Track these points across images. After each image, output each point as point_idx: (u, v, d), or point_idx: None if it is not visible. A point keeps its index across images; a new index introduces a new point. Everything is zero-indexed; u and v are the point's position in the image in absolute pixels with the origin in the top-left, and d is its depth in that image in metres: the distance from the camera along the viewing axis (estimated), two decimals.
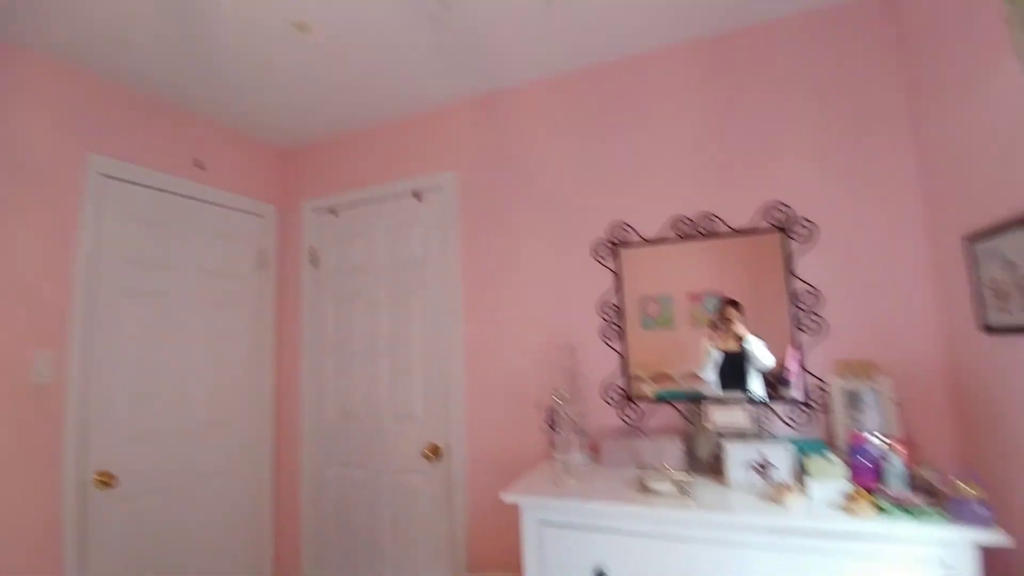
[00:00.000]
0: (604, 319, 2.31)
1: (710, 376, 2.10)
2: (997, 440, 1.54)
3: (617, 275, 2.31)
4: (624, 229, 2.32)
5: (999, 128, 1.45)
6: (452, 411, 2.55)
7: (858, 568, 1.37)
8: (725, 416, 1.89)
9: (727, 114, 2.22)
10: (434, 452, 2.56)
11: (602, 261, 2.35)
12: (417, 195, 2.78)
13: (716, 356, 2.11)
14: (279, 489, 2.95)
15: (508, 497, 1.74)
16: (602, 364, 2.31)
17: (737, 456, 1.72)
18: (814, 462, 1.58)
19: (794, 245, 2.04)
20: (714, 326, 2.12)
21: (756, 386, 2.03)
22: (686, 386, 2.14)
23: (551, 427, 1.85)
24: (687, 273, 2.20)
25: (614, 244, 2.33)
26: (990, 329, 1.53)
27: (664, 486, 1.68)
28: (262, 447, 2.89)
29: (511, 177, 2.61)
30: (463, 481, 2.50)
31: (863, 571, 1.36)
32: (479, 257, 2.61)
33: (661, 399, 2.19)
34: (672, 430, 2.09)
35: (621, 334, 2.27)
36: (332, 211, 3.01)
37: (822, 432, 1.96)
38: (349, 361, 2.87)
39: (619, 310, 2.28)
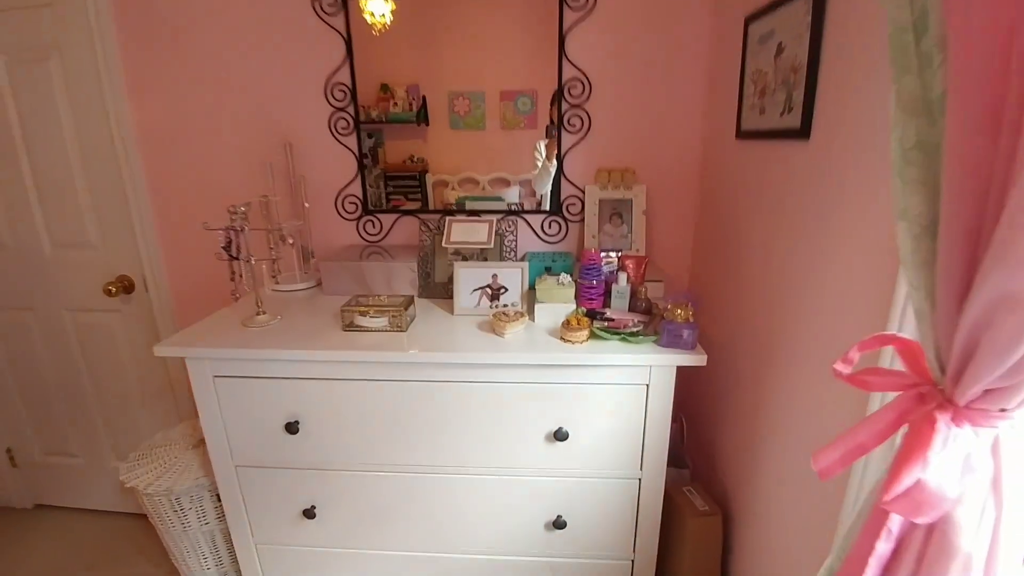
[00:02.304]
0: (334, 107, 1.71)
1: (544, 187, 1.73)
2: (715, 251, 1.47)
3: (348, 42, 1.65)
4: None
5: None
6: (142, 233, 1.87)
7: (572, 393, 1.25)
8: (465, 232, 1.56)
9: None
10: (124, 286, 1.93)
11: (326, 19, 1.64)
12: None
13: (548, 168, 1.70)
14: None
15: (164, 350, 1.28)
16: (336, 167, 1.78)
17: (467, 279, 1.43)
18: (544, 285, 1.36)
19: (569, 15, 1.57)
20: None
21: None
22: (492, 193, 1.75)
23: (228, 254, 1.36)
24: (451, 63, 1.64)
25: None
26: (742, 134, 1.32)
27: (376, 321, 1.36)
28: None
29: None
30: (170, 320, 1.97)
31: (577, 396, 1.25)
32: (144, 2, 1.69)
33: (405, 213, 1.79)
34: (413, 250, 1.73)
35: (356, 126, 1.71)
36: None
37: (575, 247, 1.78)
38: None
39: (352, 94, 1.69)
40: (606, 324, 1.24)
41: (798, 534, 1.06)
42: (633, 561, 1.38)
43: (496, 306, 1.42)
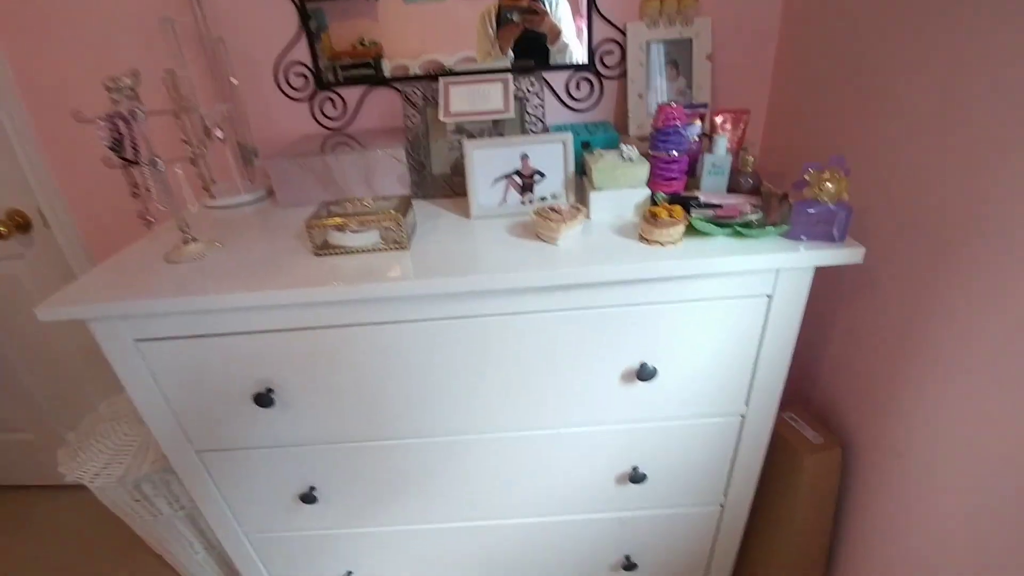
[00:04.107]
0: None
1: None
2: (826, 107, 1.00)
3: None
4: None
5: None
6: (23, 151, 1.31)
7: (659, 316, 0.85)
8: (471, 98, 1.06)
9: None
10: (18, 224, 1.40)
11: None
12: None
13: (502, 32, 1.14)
14: None
15: (50, 312, 0.82)
16: (269, 26, 1.21)
17: (485, 165, 0.96)
18: (602, 164, 0.91)
19: None
20: None
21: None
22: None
23: (120, 155, 0.86)
24: None
25: None
26: None
27: (362, 237, 0.91)
28: None
29: None
30: (86, 259, 1.47)
31: (667, 319, 0.85)
32: None
33: (379, 81, 1.25)
34: (396, 135, 1.23)
35: None
36: None
37: (614, 114, 1.29)
38: None
39: None
40: (710, 214, 0.82)
41: (943, 479, 0.75)
42: (723, 506, 1.09)
43: (530, 200, 0.97)
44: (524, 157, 0.95)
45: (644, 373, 0.87)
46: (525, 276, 0.78)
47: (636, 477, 1.00)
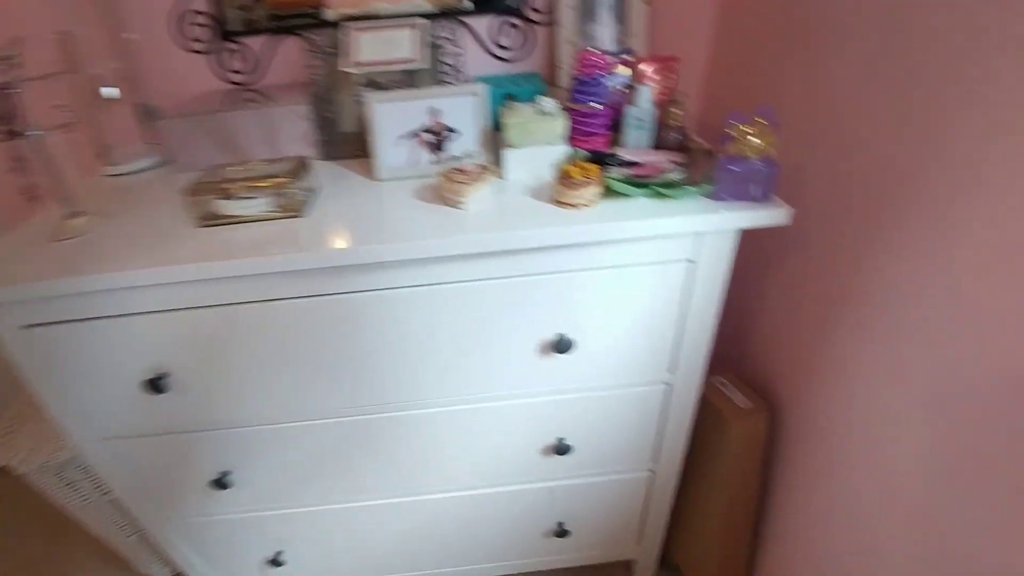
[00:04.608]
0: None
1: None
2: (767, 56, 0.92)
3: None
4: None
5: None
6: None
7: (576, 285, 0.79)
8: (379, 46, 0.95)
9: None
10: None
11: None
12: None
13: None
14: None
15: None
16: None
17: (389, 121, 0.86)
18: (516, 119, 0.82)
19: None
20: None
21: None
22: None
23: (7, 128, 0.73)
24: None
25: None
26: None
27: (251, 205, 0.81)
28: None
29: None
30: None
31: (584, 287, 0.79)
32: None
33: (281, 30, 1.11)
34: (307, 90, 1.10)
35: None
36: None
37: (542, 63, 1.19)
38: None
39: None
40: (628, 172, 0.74)
41: (865, 438, 0.73)
42: (653, 472, 1.07)
43: (442, 160, 0.88)
44: (434, 112, 0.85)
45: (561, 345, 0.81)
46: (422, 243, 0.70)
47: (561, 448, 0.96)
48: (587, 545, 1.20)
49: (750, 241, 1.03)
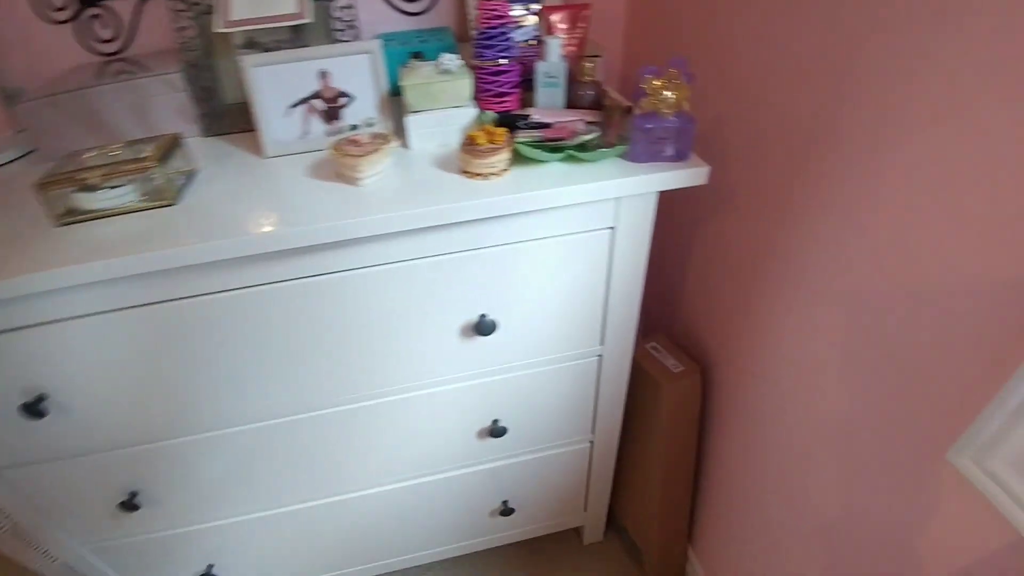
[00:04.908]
0: None
1: None
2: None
3: None
4: None
5: None
6: None
7: (493, 262, 0.73)
8: (257, 1, 0.82)
9: None
10: None
11: None
12: None
13: None
14: None
15: None
16: None
17: (274, 86, 0.75)
18: (414, 78, 0.73)
19: None
20: None
21: None
22: None
23: None
24: None
25: None
26: None
27: (113, 196, 0.69)
28: None
29: None
30: None
31: (502, 264, 0.73)
32: None
33: None
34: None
35: None
36: None
37: (453, 17, 1.08)
38: None
39: None
40: (538, 136, 0.68)
41: (793, 393, 0.73)
42: (592, 442, 1.06)
43: (339, 130, 0.79)
44: (323, 74, 0.75)
45: (483, 327, 0.76)
46: (312, 229, 0.62)
47: (496, 431, 0.92)
48: (534, 518, 1.18)
49: (673, 200, 1.00)
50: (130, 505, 0.88)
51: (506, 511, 1.10)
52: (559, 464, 1.07)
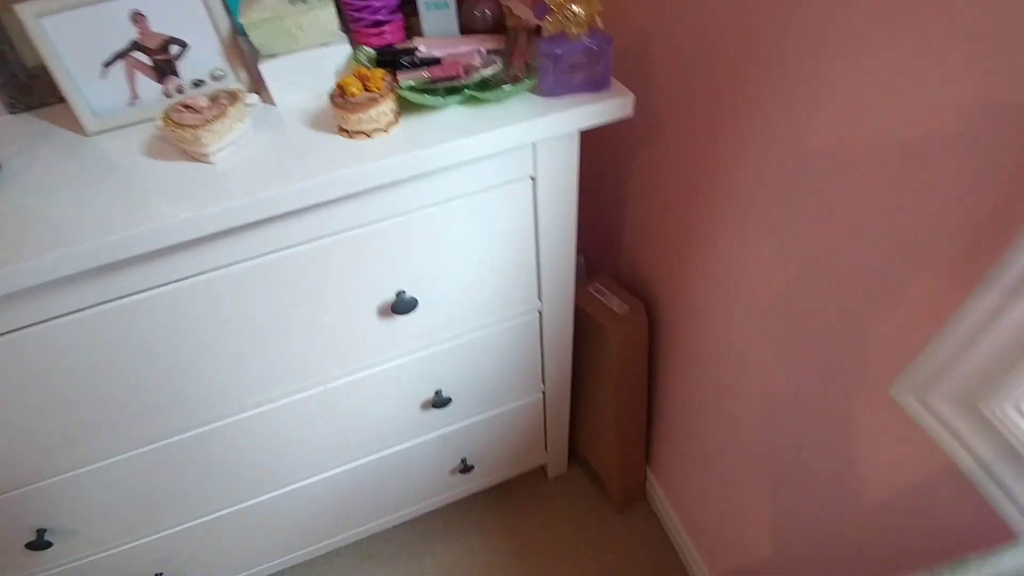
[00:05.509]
0: None
1: None
2: None
3: None
4: None
5: None
6: None
7: (400, 231, 0.61)
8: None
9: None
10: None
11: None
12: None
13: None
14: None
15: None
16: None
17: (74, 40, 0.56)
18: (257, 10, 0.56)
19: None
20: None
21: None
22: None
23: None
24: None
25: None
26: None
27: None
28: None
29: None
30: None
31: (411, 232, 0.62)
32: None
33: None
34: None
35: None
36: None
37: None
38: None
39: None
40: (426, 76, 0.54)
41: (737, 322, 0.69)
42: (544, 392, 1.02)
43: (178, 89, 0.62)
44: (137, 17, 0.57)
45: (400, 306, 0.66)
46: (147, 227, 0.48)
47: (439, 402, 0.85)
48: (496, 469, 1.17)
49: (598, 132, 0.89)
50: (41, 544, 0.78)
51: (465, 469, 1.07)
52: (514, 418, 1.03)
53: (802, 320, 0.60)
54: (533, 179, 0.62)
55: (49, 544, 0.79)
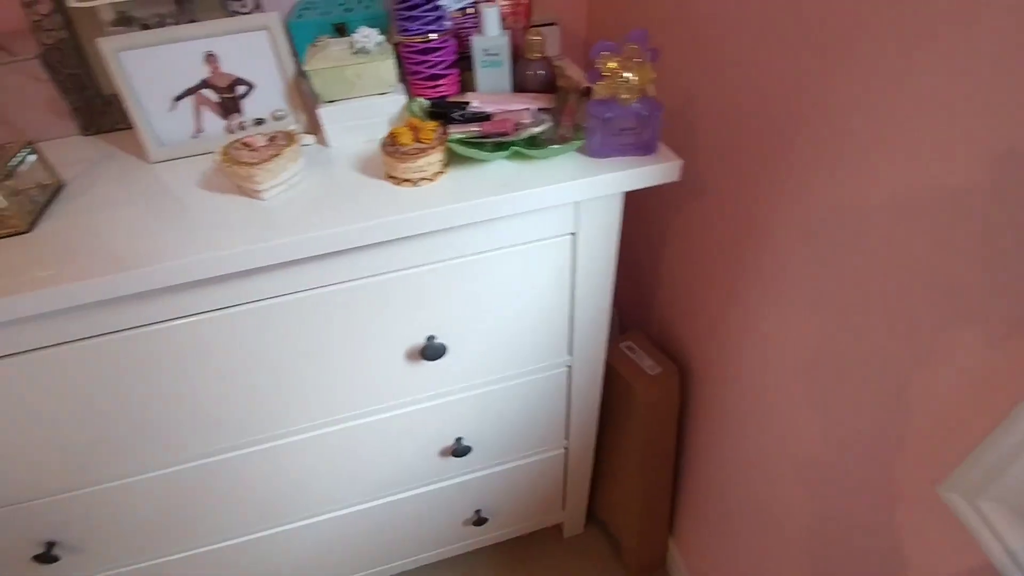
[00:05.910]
0: None
1: None
2: None
3: None
4: None
5: None
6: None
7: (437, 281, 0.61)
8: None
9: None
10: None
11: None
12: None
13: None
14: None
15: None
16: None
17: (150, 74, 0.59)
18: (320, 59, 0.58)
19: None
20: None
21: None
22: None
23: None
24: None
25: None
26: None
27: None
28: None
29: None
30: None
31: (447, 282, 0.61)
32: None
33: None
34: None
35: None
36: None
37: None
38: None
39: None
40: (476, 130, 0.55)
41: (774, 396, 0.64)
42: (567, 448, 0.97)
43: (242, 126, 0.64)
44: (210, 57, 0.60)
45: (430, 351, 0.64)
46: (195, 259, 0.49)
47: (460, 450, 0.82)
48: (511, 522, 1.11)
49: (640, 190, 0.88)
50: (49, 557, 0.77)
51: (479, 521, 1.02)
52: (533, 471, 0.98)
53: (843, 391, 0.55)
54: (574, 235, 0.61)
55: (56, 558, 0.78)
